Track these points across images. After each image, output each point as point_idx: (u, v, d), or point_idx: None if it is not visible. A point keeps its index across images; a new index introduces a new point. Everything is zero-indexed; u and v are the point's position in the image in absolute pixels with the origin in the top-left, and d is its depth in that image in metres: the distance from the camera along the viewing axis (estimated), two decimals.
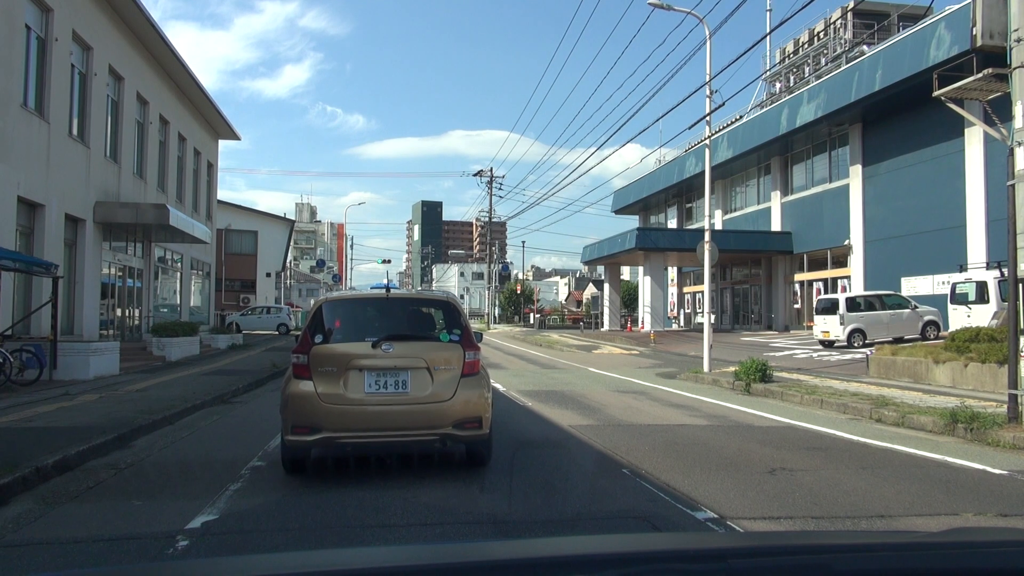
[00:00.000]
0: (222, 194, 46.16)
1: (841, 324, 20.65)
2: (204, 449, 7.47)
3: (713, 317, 41.34)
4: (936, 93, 12.20)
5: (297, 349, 6.15)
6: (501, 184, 57.87)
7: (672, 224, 44.37)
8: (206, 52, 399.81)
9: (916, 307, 21.44)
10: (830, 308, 21.38)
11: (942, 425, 8.50)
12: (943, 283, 23.52)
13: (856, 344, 20.54)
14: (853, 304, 21.16)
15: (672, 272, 43.60)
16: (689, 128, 20.03)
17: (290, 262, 63.11)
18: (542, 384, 14.29)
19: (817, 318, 22.01)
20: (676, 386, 14.29)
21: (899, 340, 20.55)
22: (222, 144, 34.56)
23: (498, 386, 13.72)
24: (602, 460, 6.73)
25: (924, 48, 22.25)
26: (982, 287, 18.26)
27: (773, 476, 5.93)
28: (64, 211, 17.73)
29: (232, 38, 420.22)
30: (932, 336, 20.71)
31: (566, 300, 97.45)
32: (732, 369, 16.99)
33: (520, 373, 17.08)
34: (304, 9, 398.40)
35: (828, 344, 21.51)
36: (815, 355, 19.88)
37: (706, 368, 16.27)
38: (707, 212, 16.86)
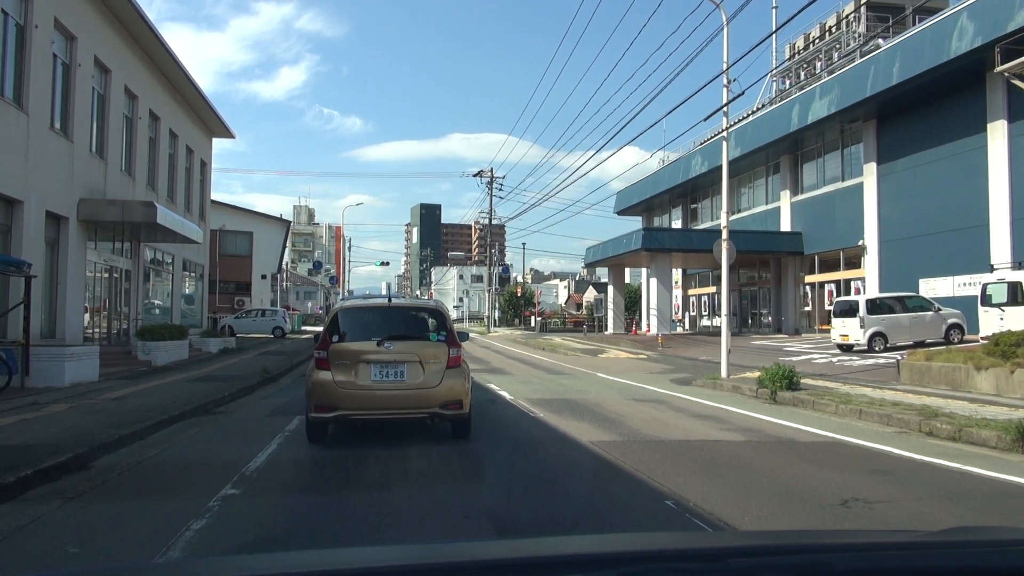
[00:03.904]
0: (219, 197, 45.01)
1: (861, 327, 19.70)
2: (172, 472, 6.52)
3: (719, 320, 40.53)
4: (999, 69, 11.20)
5: (319, 347, 7.69)
6: (501, 185, 56.93)
7: (676, 225, 43.46)
8: (202, 54, 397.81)
9: (940, 309, 20.49)
10: (849, 310, 20.43)
11: (1009, 441, 7.55)
12: (965, 284, 22.61)
13: (877, 348, 19.59)
14: (874, 306, 20.19)
15: (676, 274, 42.62)
16: (704, 120, 19.25)
17: (287, 264, 62.13)
18: (551, 391, 13.34)
19: (835, 321, 21.05)
20: (694, 393, 13.34)
21: (920, 344, 19.62)
22: (218, 146, 33.72)
23: (504, 394, 12.78)
24: (637, 488, 5.72)
25: (945, 40, 21.34)
26: (1015, 288, 17.31)
27: (848, 509, 4.97)
28: (45, 208, 16.73)
29: (227, 40, 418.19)
30: (956, 340, 19.76)
31: (566, 303, 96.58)
32: (752, 375, 16.05)
33: (527, 379, 16.12)
34: (300, 11, 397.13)
35: (846, 348, 20.56)
36: (835, 360, 18.93)
37: (724, 374, 15.33)
38: (725, 208, 15.91)
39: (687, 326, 42.41)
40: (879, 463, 6.78)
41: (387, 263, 75.04)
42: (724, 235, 15.56)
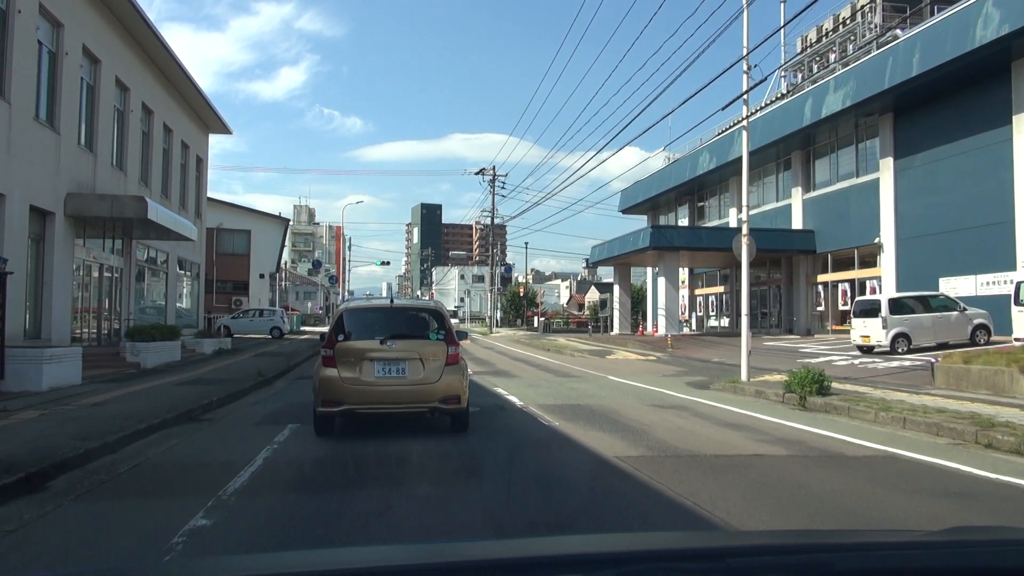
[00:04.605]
0: (219, 197, 44.06)
1: (884, 328, 18.82)
2: (136, 496, 5.65)
3: (727, 320, 39.63)
4: None
5: (325, 345, 8.18)
6: (504, 183, 56.11)
7: (682, 223, 42.57)
8: (202, 54, 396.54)
9: (965, 309, 19.60)
10: (870, 310, 19.55)
11: None
12: (988, 283, 21.77)
13: (900, 350, 18.72)
14: (897, 306, 19.29)
15: (683, 273, 41.75)
16: (723, 108, 18.40)
17: (286, 263, 61.22)
18: (563, 396, 12.49)
19: (855, 321, 20.16)
20: (715, 398, 12.49)
21: (944, 346, 18.79)
22: (219, 146, 33.26)
23: (513, 399, 11.94)
24: (686, 521, 4.79)
25: (969, 28, 20.49)
26: None
27: None
28: (29, 202, 15.92)
29: (228, 40, 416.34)
30: (982, 341, 18.90)
31: (567, 303, 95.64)
32: (772, 378, 15.22)
33: (535, 383, 15.27)
34: (300, 11, 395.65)
35: (867, 350, 19.68)
36: (856, 362, 18.07)
37: (744, 377, 14.48)
38: (745, 201, 15.04)
39: (694, 326, 41.55)
40: (952, 483, 5.92)
41: (387, 263, 74.20)
42: (744, 230, 14.70)
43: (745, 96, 14.74)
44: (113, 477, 6.05)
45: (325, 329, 8.61)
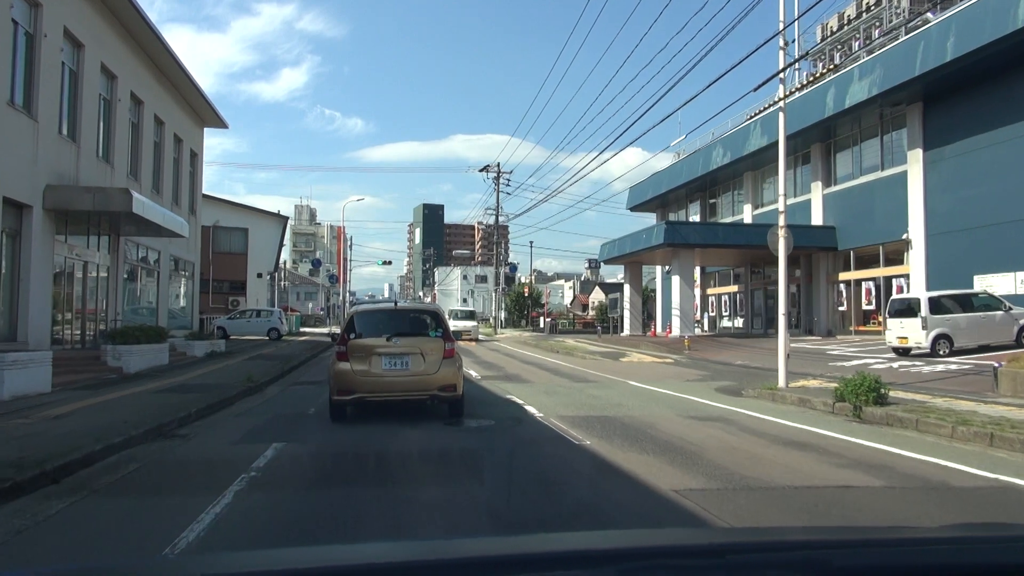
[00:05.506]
0: (216, 195, 42.64)
1: (924, 328, 17.48)
2: (65, 549, 4.33)
3: (741, 320, 38.33)
4: None
5: (339, 343, 9.42)
6: (508, 180, 54.90)
7: (693, 220, 41.24)
8: (203, 55, 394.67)
9: (1010, 308, 18.26)
10: (907, 310, 18.21)
11: None
12: None
13: (941, 352, 17.38)
14: (937, 305, 17.96)
15: (695, 272, 40.42)
16: (755, 90, 17.54)
17: (285, 263, 59.93)
18: (585, 405, 11.19)
19: (891, 321, 18.82)
20: (755, 408, 11.19)
21: (986, 348, 17.49)
22: (220, 147, 32.05)
23: (531, 409, 10.64)
24: None
25: (1011, 8, 19.16)
26: None
27: None
28: (2, 194, 14.67)
29: (229, 41, 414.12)
30: None
31: (571, 304, 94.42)
32: (811, 383, 13.99)
33: (551, 389, 13.95)
34: (301, 12, 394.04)
35: (904, 352, 18.34)
36: (895, 366, 16.73)
37: (782, 383, 13.20)
38: (782, 191, 13.77)
39: (706, 327, 40.22)
40: None
41: (389, 262, 73.07)
42: (781, 221, 13.41)
43: (781, 75, 13.46)
44: (42, 521, 4.69)
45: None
